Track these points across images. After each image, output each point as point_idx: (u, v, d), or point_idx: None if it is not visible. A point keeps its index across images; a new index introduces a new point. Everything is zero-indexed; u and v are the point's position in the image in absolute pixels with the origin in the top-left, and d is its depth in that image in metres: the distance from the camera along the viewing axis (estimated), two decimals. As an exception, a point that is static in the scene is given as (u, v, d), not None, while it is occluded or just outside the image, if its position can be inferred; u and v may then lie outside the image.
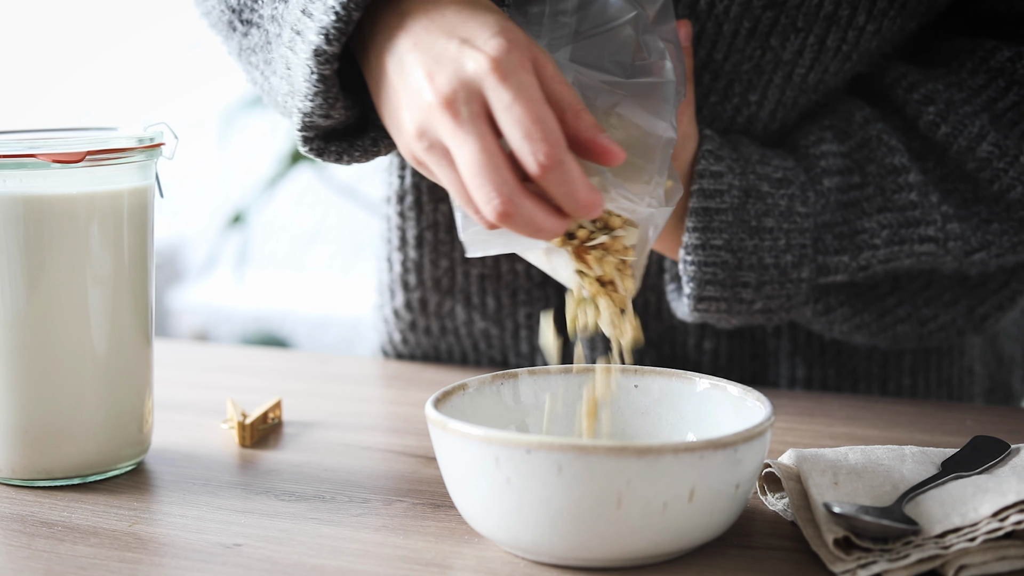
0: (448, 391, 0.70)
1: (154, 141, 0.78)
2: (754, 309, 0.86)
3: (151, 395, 0.80)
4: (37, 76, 2.97)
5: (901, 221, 0.86)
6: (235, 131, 2.48)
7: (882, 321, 0.92)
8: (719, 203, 0.84)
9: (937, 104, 0.86)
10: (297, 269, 2.83)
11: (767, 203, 0.84)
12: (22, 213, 0.74)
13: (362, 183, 2.50)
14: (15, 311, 0.75)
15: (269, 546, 0.66)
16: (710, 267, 0.84)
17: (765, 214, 0.84)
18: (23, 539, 0.68)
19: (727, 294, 0.85)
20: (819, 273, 0.86)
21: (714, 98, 0.88)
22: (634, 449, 0.59)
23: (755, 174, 0.85)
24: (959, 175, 0.87)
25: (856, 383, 1.00)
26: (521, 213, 0.64)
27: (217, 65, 2.75)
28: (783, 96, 0.88)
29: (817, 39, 0.85)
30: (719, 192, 0.84)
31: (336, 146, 0.77)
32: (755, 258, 0.84)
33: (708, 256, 0.84)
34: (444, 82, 0.65)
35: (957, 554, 0.61)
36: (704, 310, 0.86)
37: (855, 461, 0.71)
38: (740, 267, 0.84)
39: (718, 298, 0.85)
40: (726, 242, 0.84)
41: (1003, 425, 0.88)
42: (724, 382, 0.72)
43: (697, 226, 0.84)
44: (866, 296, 0.91)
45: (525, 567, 0.64)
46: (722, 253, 0.84)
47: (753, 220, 0.84)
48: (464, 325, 1.03)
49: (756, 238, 0.84)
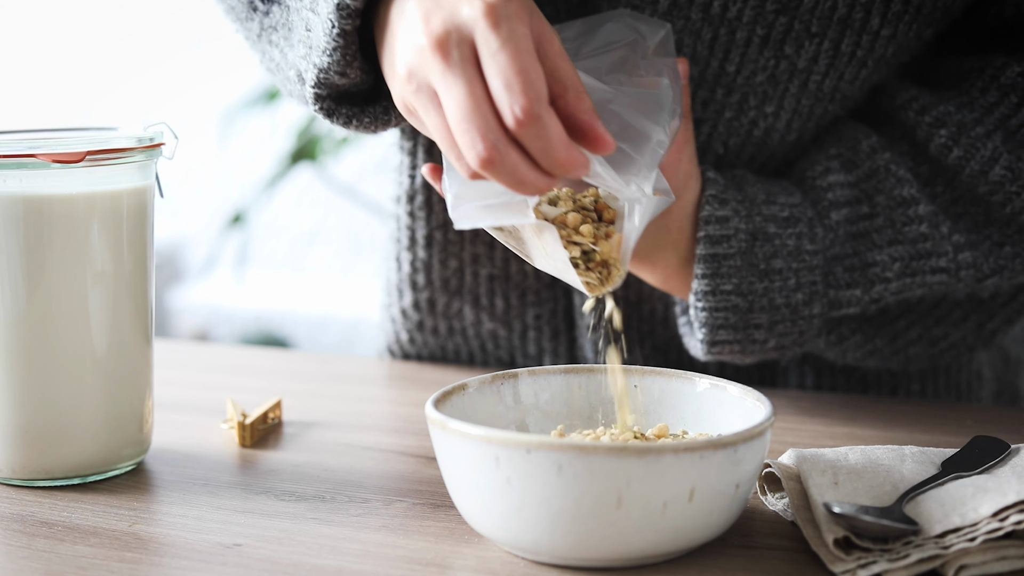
0: (448, 391, 0.70)
1: (154, 141, 0.78)
2: (767, 347, 0.86)
3: (151, 395, 0.80)
4: (37, 76, 2.96)
5: (912, 254, 0.85)
6: (235, 131, 2.48)
7: (894, 345, 0.92)
8: (726, 248, 0.83)
9: (949, 127, 0.86)
10: (297, 269, 2.83)
11: (775, 244, 0.84)
12: (22, 213, 0.74)
13: (362, 183, 2.50)
14: (15, 311, 0.75)
15: (269, 546, 0.66)
16: (721, 312, 0.84)
17: (773, 256, 0.84)
18: (23, 539, 0.68)
19: (739, 336, 0.85)
20: (831, 308, 0.86)
21: (729, 113, 0.88)
22: (634, 449, 0.59)
23: (761, 215, 0.84)
24: (970, 198, 0.86)
25: (866, 390, 1.00)
26: (505, 162, 0.62)
27: (217, 65, 2.75)
28: (799, 105, 0.88)
29: (832, 44, 0.84)
30: (726, 237, 0.83)
31: (347, 109, 0.77)
32: (766, 300, 0.84)
33: (719, 302, 0.84)
34: (438, 24, 0.64)
35: (957, 554, 0.61)
36: (718, 352, 0.86)
37: (855, 461, 0.71)
38: (751, 310, 0.84)
39: (731, 340, 0.85)
40: (736, 287, 0.84)
41: (1003, 425, 0.88)
42: (724, 382, 0.72)
43: (706, 272, 0.84)
44: (877, 321, 0.90)
45: (525, 567, 0.64)
46: (732, 298, 0.84)
47: (762, 263, 0.84)
48: (472, 326, 1.03)
49: (766, 280, 0.84)
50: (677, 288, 0.87)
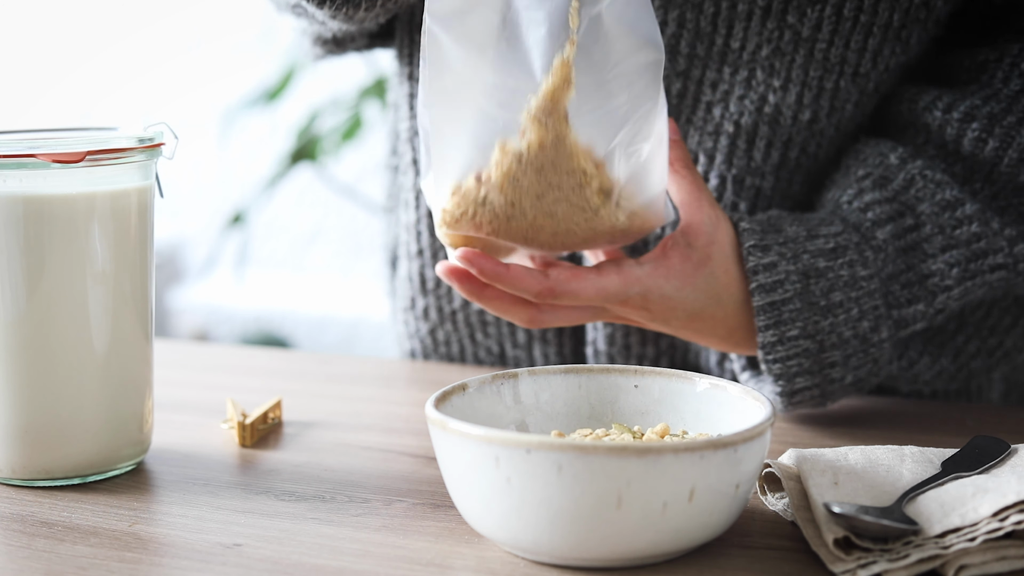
0: (448, 391, 0.70)
1: (154, 141, 0.78)
2: (846, 385, 0.85)
3: (151, 395, 0.80)
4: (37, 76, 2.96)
5: (968, 256, 0.84)
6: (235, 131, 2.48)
7: (958, 362, 0.91)
8: (782, 294, 0.82)
9: (979, 119, 0.85)
10: (297, 269, 2.83)
11: (829, 278, 0.82)
12: (22, 213, 0.74)
13: (362, 183, 2.50)
14: (15, 311, 0.75)
15: (269, 546, 0.66)
16: (793, 360, 0.82)
17: (831, 290, 0.82)
18: (23, 539, 0.68)
19: (817, 380, 0.83)
20: (898, 328, 0.85)
21: (739, 91, 0.88)
22: (634, 449, 0.59)
23: (808, 253, 0.83)
24: (1012, 189, 0.86)
25: (881, 392, 0.99)
26: None
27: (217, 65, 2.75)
28: (807, 77, 0.87)
29: (834, 9, 0.84)
30: (779, 283, 0.82)
31: None
32: (835, 336, 0.82)
33: (789, 350, 0.82)
34: None
35: (957, 554, 0.61)
36: (798, 402, 0.85)
37: (855, 461, 0.71)
38: (822, 349, 0.82)
39: (810, 387, 0.84)
40: (801, 330, 0.82)
41: (1003, 425, 0.88)
42: (724, 382, 0.72)
43: (768, 323, 0.82)
44: (938, 340, 0.90)
45: (525, 567, 0.64)
46: (801, 342, 0.82)
47: (821, 300, 0.82)
48: (461, 310, 1.03)
49: (830, 316, 0.82)
50: (743, 339, 0.85)
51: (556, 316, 0.81)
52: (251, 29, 2.64)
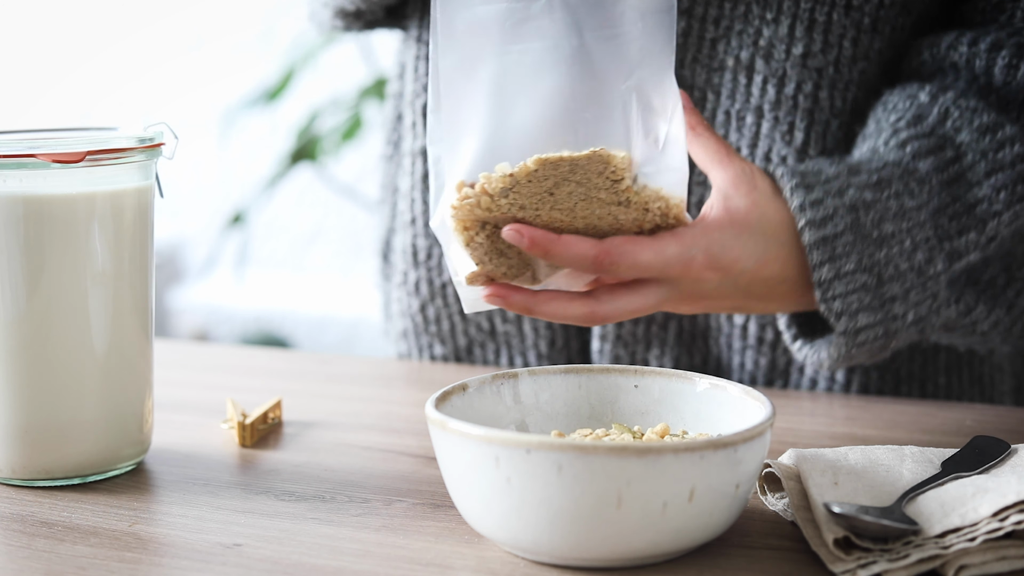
0: (448, 391, 0.70)
1: (154, 141, 0.78)
2: (908, 323, 0.83)
3: (151, 395, 0.80)
4: (37, 76, 2.96)
5: (1015, 178, 0.83)
6: (235, 131, 2.48)
7: (1012, 314, 0.90)
8: (833, 228, 0.81)
9: (1008, 48, 0.85)
10: (297, 269, 2.83)
11: (879, 209, 0.82)
12: (22, 213, 0.74)
13: (362, 183, 2.50)
14: (15, 311, 0.75)
15: (269, 546, 0.67)
16: (853, 295, 0.81)
17: (881, 221, 0.82)
18: (23, 539, 0.68)
19: (880, 315, 0.82)
20: (952, 260, 0.84)
21: (738, 25, 0.90)
22: (634, 449, 0.59)
23: (853, 187, 0.82)
24: None
25: (898, 385, 0.99)
26: None
27: (217, 65, 2.75)
28: (799, 9, 0.89)
29: None
30: (828, 218, 0.81)
31: None
32: (892, 267, 0.81)
33: (847, 285, 0.81)
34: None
35: (957, 554, 0.61)
36: (861, 343, 0.83)
37: (855, 461, 0.71)
38: (881, 282, 0.81)
39: (873, 324, 0.82)
40: (858, 263, 0.81)
41: (1003, 425, 0.88)
42: (724, 382, 0.72)
43: (823, 259, 0.81)
44: (990, 292, 0.89)
45: (525, 567, 0.64)
46: (859, 276, 0.81)
47: (874, 231, 0.81)
48: (451, 282, 1.03)
49: (884, 247, 0.81)
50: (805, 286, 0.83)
51: (615, 305, 0.76)
52: (251, 29, 2.64)
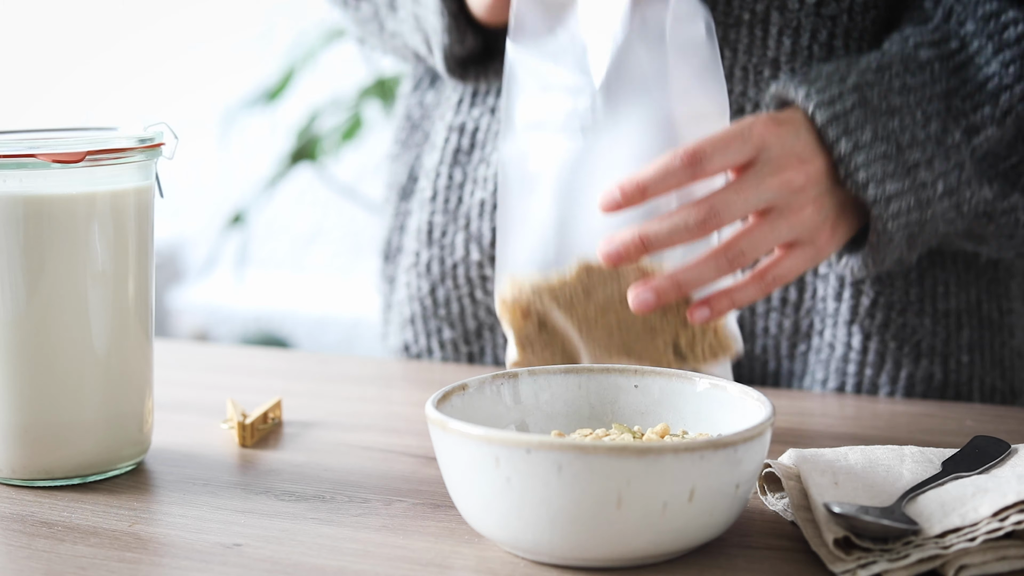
0: (448, 391, 0.70)
1: (154, 141, 0.78)
2: (939, 193, 0.84)
3: (151, 395, 0.80)
4: (37, 76, 2.97)
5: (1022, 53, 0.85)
6: (235, 131, 2.48)
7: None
8: (843, 105, 0.82)
9: None
10: (297, 269, 2.83)
11: (883, 85, 0.83)
12: (22, 213, 0.74)
13: (362, 183, 2.50)
14: (15, 311, 0.75)
15: (269, 546, 0.67)
16: (876, 163, 0.82)
17: (888, 93, 0.83)
18: (23, 539, 0.68)
19: (907, 182, 0.83)
20: (971, 133, 0.85)
21: None
22: (634, 449, 0.59)
23: (855, 72, 0.84)
24: None
25: (919, 357, 0.99)
26: None
27: (217, 65, 2.75)
28: None
29: None
30: (835, 97, 0.82)
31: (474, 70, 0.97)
32: (909, 135, 0.83)
33: (868, 154, 0.82)
34: None
35: (957, 554, 0.61)
36: (895, 215, 0.83)
37: (855, 461, 0.71)
38: (901, 149, 0.83)
39: (903, 191, 0.83)
40: (874, 132, 0.82)
41: (1003, 425, 0.88)
42: (724, 382, 0.72)
43: (839, 133, 0.82)
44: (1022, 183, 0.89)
45: (525, 567, 0.64)
46: (878, 144, 0.82)
47: (882, 103, 0.83)
48: (462, 263, 1.03)
49: (896, 117, 0.83)
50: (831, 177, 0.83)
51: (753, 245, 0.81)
52: (251, 29, 2.64)
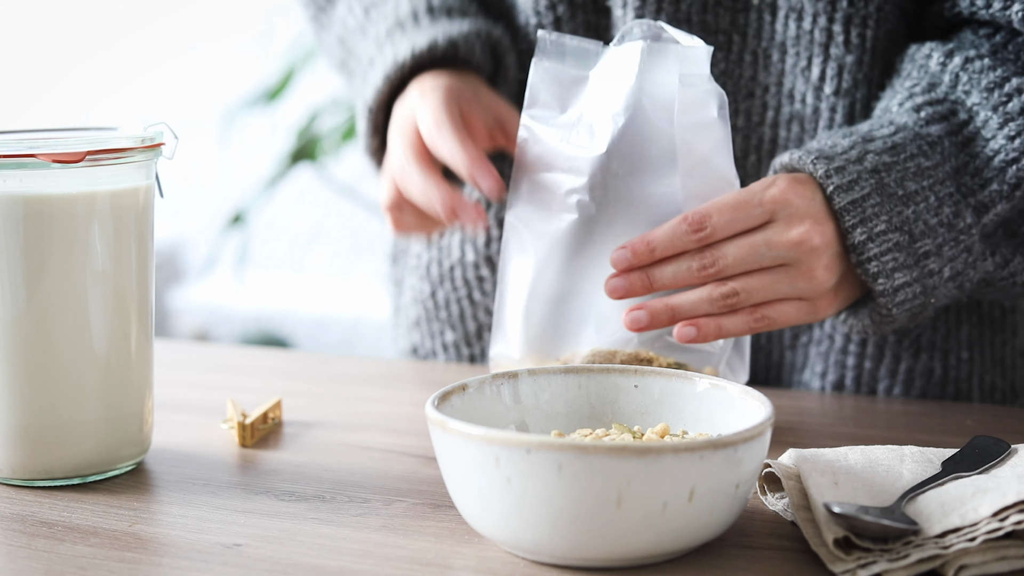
0: (448, 391, 0.70)
1: (154, 141, 0.78)
2: (944, 279, 0.85)
3: (151, 395, 0.80)
4: (37, 76, 2.97)
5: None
6: (235, 131, 2.48)
7: None
8: (860, 191, 0.83)
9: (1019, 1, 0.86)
10: (297, 269, 2.83)
11: (899, 170, 0.84)
12: (22, 213, 0.74)
13: (362, 183, 2.50)
14: (15, 311, 0.75)
15: (269, 546, 0.67)
16: (888, 256, 0.83)
17: (903, 179, 0.83)
18: (23, 539, 0.68)
19: (916, 273, 0.84)
20: (980, 212, 0.86)
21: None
22: (634, 449, 0.59)
23: (871, 153, 0.84)
24: None
25: (919, 352, 0.99)
26: None
27: (217, 65, 2.75)
28: None
29: None
30: (853, 183, 0.83)
31: None
32: (921, 224, 0.83)
33: (881, 246, 0.83)
34: None
35: (957, 554, 0.61)
36: (900, 303, 0.84)
37: (855, 461, 0.71)
38: (914, 239, 0.83)
39: (911, 282, 0.84)
40: (888, 223, 0.83)
41: (1003, 425, 0.88)
42: (724, 382, 0.72)
43: (854, 222, 0.82)
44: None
45: (525, 567, 0.64)
46: (891, 235, 0.83)
47: (899, 190, 0.83)
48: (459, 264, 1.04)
49: (911, 204, 0.83)
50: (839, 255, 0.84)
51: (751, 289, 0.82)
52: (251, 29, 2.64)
